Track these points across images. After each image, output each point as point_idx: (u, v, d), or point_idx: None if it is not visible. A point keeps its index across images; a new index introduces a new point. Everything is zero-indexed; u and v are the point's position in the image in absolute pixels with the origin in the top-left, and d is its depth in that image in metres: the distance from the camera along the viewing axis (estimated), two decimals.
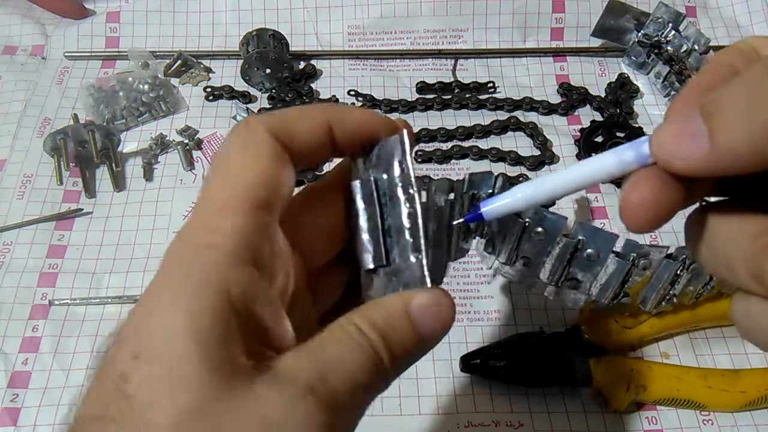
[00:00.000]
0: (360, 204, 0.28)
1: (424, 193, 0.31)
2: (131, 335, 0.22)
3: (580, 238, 0.41)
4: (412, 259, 0.26)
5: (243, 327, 0.22)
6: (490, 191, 0.41)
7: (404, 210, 0.27)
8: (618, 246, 0.42)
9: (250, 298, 0.23)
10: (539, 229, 0.41)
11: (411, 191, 0.26)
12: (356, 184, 0.28)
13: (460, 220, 0.29)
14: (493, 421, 0.50)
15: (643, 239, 0.42)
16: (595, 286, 0.44)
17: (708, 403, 0.50)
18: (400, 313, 0.26)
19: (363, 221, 0.28)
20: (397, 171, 0.27)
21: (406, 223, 0.27)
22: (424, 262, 0.26)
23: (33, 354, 0.53)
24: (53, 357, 0.53)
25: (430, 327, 0.26)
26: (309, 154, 0.26)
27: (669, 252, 0.44)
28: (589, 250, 0.41)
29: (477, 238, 0.43)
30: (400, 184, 0.27)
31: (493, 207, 0.27)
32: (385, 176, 0.27)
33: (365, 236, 0.28)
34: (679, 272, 0.45)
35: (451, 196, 0.37)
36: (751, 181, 0.24)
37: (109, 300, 0.56)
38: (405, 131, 0.27)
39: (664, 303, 0.47)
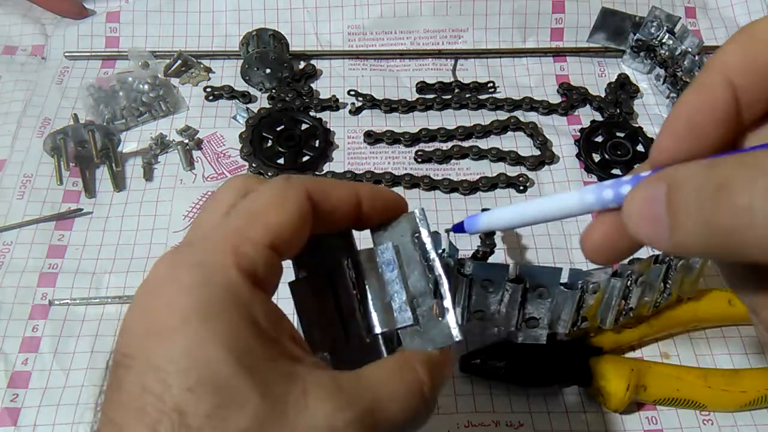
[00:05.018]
0: (382, 269, 0.30)
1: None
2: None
3: (526, 279, 0.43)
4: (440, 318, 0.28)
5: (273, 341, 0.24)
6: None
7: (426, 273, 0.29)
8: (564, 277, 0.44)
9: (275, 317, 0.25)
10: (485, 281, 0.43)
11: (432, 257, 0.29)
12: (379, 249, 0.30)
13: (449, 228, 0.31)
14: (493, 421, 0.50)
15: (586, 265, 0.44)
16: (553, 320, 0.45)
17: (708, 403, 0.50)
18: (442, 357, 0.28)
19: (392, 285, 0.29)
20: (416, 239, 0.29)
21: (430, 285, 0.29)
22: (453, 322, 0.28)
23: (33, 354, 0.53)
24: (53, 357, 0.53)
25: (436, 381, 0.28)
26: (338, 217, 0.28)
27: (614, 270, 0.46)
28: (540, 289, 0.43)
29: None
30: (419, 252, 0.29)
31: (476, 224, 0.30)
32: (405, 241, 0.30)
33: (396, 297, 0.29)
34: (629, 286, 0.46)
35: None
36: None
37: (109, 300, 0.56)
38: (419, 209, 0.30)
39: (622, 318, 0.49)
